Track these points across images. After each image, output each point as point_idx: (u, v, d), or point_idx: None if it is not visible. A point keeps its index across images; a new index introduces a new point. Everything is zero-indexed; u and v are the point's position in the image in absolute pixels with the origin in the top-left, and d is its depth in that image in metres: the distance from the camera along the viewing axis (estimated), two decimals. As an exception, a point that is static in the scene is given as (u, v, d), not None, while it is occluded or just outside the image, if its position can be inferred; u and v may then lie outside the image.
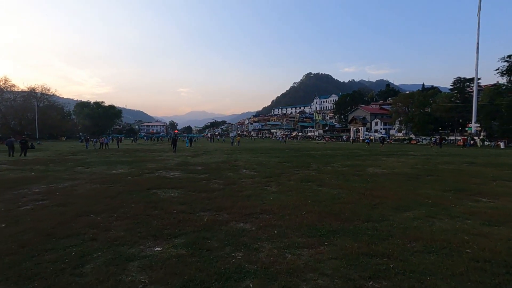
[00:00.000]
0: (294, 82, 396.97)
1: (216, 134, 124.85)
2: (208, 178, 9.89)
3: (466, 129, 49.91)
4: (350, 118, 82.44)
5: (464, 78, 57.25)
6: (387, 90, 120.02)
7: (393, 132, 69.31)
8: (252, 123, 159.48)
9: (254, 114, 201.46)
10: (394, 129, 69.78)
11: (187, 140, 37.53)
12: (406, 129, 62.33)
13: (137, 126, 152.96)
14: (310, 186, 8.34)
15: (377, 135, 61.82)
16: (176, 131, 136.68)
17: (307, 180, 9.32)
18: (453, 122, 57.41)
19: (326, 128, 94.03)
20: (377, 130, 75.43)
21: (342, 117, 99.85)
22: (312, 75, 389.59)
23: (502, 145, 36.21)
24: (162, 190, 7.68)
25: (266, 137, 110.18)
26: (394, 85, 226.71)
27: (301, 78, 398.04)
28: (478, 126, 46.08)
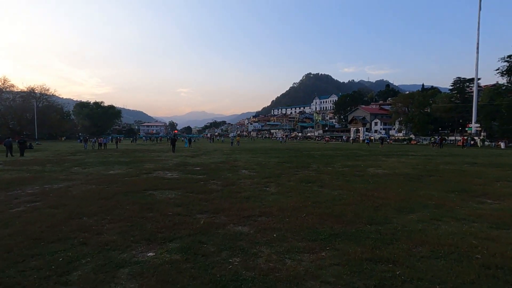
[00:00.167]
0: (294, 82, 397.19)
1: (216, 134, 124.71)
2: (206, 179, 9.71)
3: (466, 129, 49.75)
4: (350, 118, 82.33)
5: (464, 78, 57.12)
6: (387, 90, 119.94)
7: (393, 132, 69.18)
8: (252, 123, 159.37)
9: (254, 115, 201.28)
10: (394, 129, 69.67)
11: (186, 140, 37.32)
12: (406, 129, 62.22)
13: (136, 127, 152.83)
14: (310, 187, 8.16)
15: (377, 135, 61.65)
16: (175, 131, 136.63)
17: (307, 181, 9.14)
18: (453, 122, 57.28)
19: (326, 128, 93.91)
20: (377, 130, 75.28)
21: (342, 117, 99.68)
22: (312, 75, 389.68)
23: (502, 145, 36.04)
24: (158, 191, 7.50)
25: (266, 137, 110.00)
26: (394, 85, 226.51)
27: (301, 78, 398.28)
28: (478, 126, 45.95)
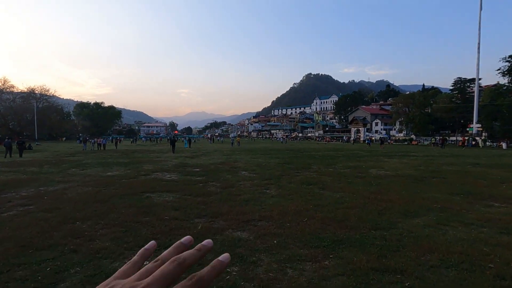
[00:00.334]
0: (294, 83, 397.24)
1: (216, 134, 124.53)
2: (205, 180, 9.53)
3: (467, 129, 49.54)
4: (350, 118, 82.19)
5: (464, 78, 56.92)
6: (387, 91, 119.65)
7: (393, 132, 68.97)
8: (252, 124, 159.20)
9: (254, 115, 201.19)
10: (395, 129, 69.46)
11: (186, 141, 37.13)
12: (406, 129, 62.02)
13: (137, 127, 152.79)
14: (312, 189, 7.97)
15: (377, 136, 61.48)
16: (176, 132, 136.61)
17: (308, 182, 8.96)
18: (454, 122, 57.06)
19: (327, 128, 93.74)
20: (377, 131, 75.04)
21: (342, 117, 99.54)
22: (312, 76, 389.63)
23: (504, 145, 35.82)
24: (156, 194, 7.32)
25: (266, 137, 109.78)
26: (394, 85, 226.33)
27: (301, 78, 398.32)
28: (479, 127, 45.74)
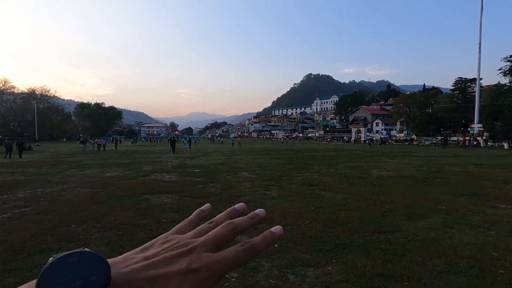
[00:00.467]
0: (295, 83, 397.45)
1: (216, 135, 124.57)
2: (205, 181, 9.39)
3: (468, 129, 49.38)
4: (351, 119, 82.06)
5: (465, 78, 56.78)
6: (388, 91, 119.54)
7: (394, 132, 68.83)
8: (252, 124, 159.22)
9: (255, 115, 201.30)
10: (396, 129, 69.31)
11: (185, 141, 37.03)
12: (407, 129, 61.87)
13: (137, 128, 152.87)
14: (313, 190, 7.84)
15: (378, 136, 61.36)
16: (176, 132, 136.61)
17: (309, 183, 8.82)
18: (455, 122, 56.93)
19: (327, 129, 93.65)
20: (378, 131, 74.92)
21: (343, 118, 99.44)
22: (312, 76, 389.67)
23: (506, 145, 35.63)
24: (155, 195, 7.19)
25: (266, 138, 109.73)
26: (395, 85, 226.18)
27: (301, 78, 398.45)
28: (480, 127, 45.57)
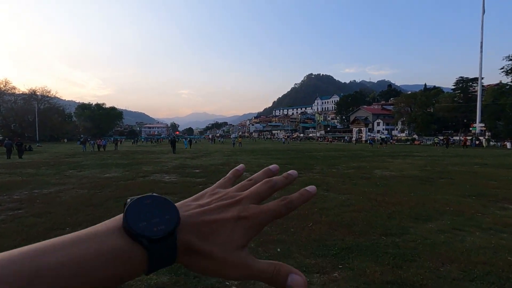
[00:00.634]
0: (295, 83, 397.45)
1: (217, 135, 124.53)
2: (205, 182, 9.21)
3: (470, 129, 49.11)
4: (352, 118, 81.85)
5: (466, 78, 56.52)
6: (389, 91, 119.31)
7: (395, 132, 68.57)
8: (253, 124, 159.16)
9: (255, 115, 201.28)
10: (397, 129, 69.04)
11: (185, 141, 36.91)
12: (408, 129, 61.63)
13: (138, 128, 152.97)
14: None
15: (378, 136, 61.12)
16: (177, 133, 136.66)
17: (312, 184, 8.61)
18: (456, 122, 56.67)
19: (328, 129, 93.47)
20: (379, 131, 74.66)
21: (343, 117, 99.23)
22: (313, 76, 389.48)
23: (508, 145, 35.40)
24: (153, 197, 7.00)
25: (267, 138, 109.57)
26: (396, 85, 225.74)
27: (302, 79, 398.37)
28: (482, 126, 45.29)
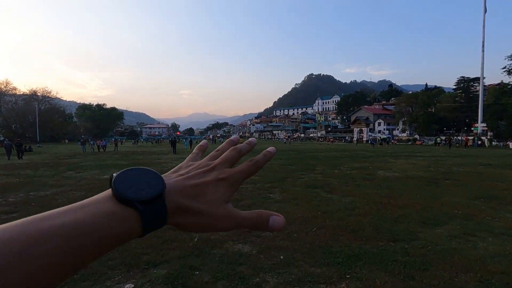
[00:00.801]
0: (296, 83, 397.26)
1: (218, 135, 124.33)
2: (205, 183, 9.01)
3: (472, 129, 48.84)
4: (352, 119, 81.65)
5: (467, 77, 56.29)
6: (390, 91, 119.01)
7: (396, 132, 68.31)
8: (254, 125, 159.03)
9: (256, 116, 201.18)
10: (398, 129, 68.79)
11: (186, 141, 36.87)
12: (410, 129, 61.38)
13: (139, 128, 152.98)
14: (318, 193, 7.45)
15: (379, 136, 60.88)
16: (178, 133, 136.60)
17: (314, 185, 8.43)
18: (458, 122, 56.40)
19: (329, 129, 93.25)
20: (380, 131, 74.39)
21: (344, 118, 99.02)
22: (313, 76, 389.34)
23: (511, 145, 35.15)
24: (152, 199, 6.81)
25: (268, 138, 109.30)
26: (396, 85, 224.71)
27: (302, 79, 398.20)
28: (484, 126, 45.02)
